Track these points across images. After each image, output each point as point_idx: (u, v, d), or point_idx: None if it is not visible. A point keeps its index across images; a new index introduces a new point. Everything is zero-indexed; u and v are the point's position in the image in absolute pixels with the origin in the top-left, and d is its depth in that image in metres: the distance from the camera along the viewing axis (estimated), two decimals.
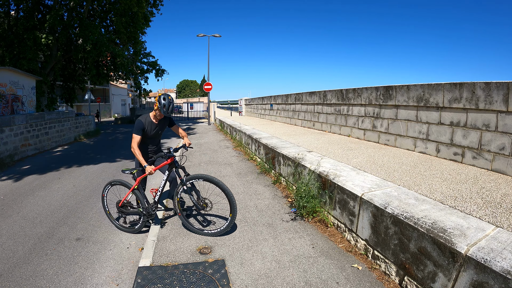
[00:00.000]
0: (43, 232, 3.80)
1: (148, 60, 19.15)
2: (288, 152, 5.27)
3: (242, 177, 5.97)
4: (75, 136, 13.43)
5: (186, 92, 79.81)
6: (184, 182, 3.33)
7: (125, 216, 3.77)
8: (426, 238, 2.19)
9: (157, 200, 3.53)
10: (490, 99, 3.98)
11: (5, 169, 7.47)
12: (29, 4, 13.41)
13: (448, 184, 3.39)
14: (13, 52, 12.92)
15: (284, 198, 4.64)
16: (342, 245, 3.15)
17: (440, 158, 4.82)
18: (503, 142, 3.86)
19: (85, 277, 2.84)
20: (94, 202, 4.91)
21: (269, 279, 2.59)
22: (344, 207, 3.29)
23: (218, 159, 7.79)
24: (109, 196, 3.82)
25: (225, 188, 3.24)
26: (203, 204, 3.37)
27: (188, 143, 3.60)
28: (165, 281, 2.58)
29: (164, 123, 3.65)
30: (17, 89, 10.74)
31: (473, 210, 2.59)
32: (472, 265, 1.85)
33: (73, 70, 17.16)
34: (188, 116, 29.43)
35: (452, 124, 4.63)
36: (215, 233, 3.37)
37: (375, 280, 2.56)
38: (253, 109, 20.58)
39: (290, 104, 12.64)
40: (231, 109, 36.94)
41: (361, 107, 7.15)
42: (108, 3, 14.92)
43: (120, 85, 43.19)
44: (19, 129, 9.08)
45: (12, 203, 4.87)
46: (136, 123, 3.44)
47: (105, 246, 3.45)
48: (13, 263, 3.07)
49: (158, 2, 17.62)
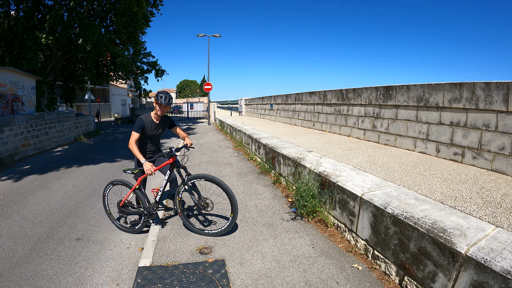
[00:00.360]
0: (43, 232, 3.80)
1: (148, 60, 19.16)
2: (288, 152, 5.27)
3: (242, 177, 5.97)
4: (75, 136, 13.43)
5: (186, 92, 79.80)
6: (185, 182, 3.33)
7: (126, 216, 3.77)
8: (426, 238, 2.19)
9: (158, 200, 3.53)
10: (490, 99, 3.98)
11: (5, 169, 7.47)
12: (29, 4, 13.41)
13: (448, 184, 3.39)
14: (13, 52, 12.92)
15: (284, 198, 4.64)
16: (342, 245, 3.15)
17: (440, 158, 4.82)
18: (503, 142, 3.86)
19: (85, 277, 2.84)
20: (94, 202, 4.91)
21: (269, 279, 2.59)
22: (344, 207, 3.29)
23: (218, 159, 7.79)
24: (110, 196, 3.82)
25: (226, 188, 3.24)
26: (204, 204, 3.37)
27: (190, 143, 3.60)
28: (165, 281, 2.58)
29: (164, 123, 3.65)
30: (17, 89, 10.74)
31: (473, 210, 2.59)
32: (472, 265, 1.85)
33: (73, 70, 17.17)
34: (188, 116, 29.42)
35: (452, 124, 4.63)
36: (216, 233, 3.37)
37: (375, 280, 2.56)
38: (253, 109, 20.58)
39: (290, 104, 12.64)
40: (231, 109, 36.94)
41: (361, 107, 7.15)
42: (108, 3, 14.91)
43: (120, 85, 43.19)
44: (19, 129, 9.08)
45: (12, 203, 4.87)
46: (137, 121, 3.45)
47: (105, 246, 3.45)
48: (13, 263, 3.07)
49: (158, 2, 17.62)
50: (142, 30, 16.71)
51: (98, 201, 4.86)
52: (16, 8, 13.56)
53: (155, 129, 3.56)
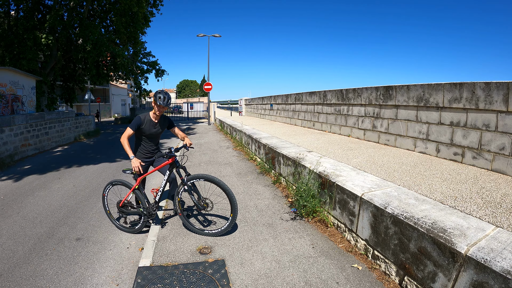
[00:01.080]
0: (43, 232, 3.80)
1: (148, 60, 19.17)
2: (288, 152, 5.27)
3: (242, 177, 5.97)
4: (75, 136, 13.43)
5: (186, 92, 79.81)
6: (185, 182, 3.33)
7: (126, 216, 3.77)
8: (426, 238, 2.19)
9: (157, 200, 3.53)
10: (490, 99, 3.98)
11: (5, 169, 7.47)
12: (29, 4, 13.41)
13: (448, 184, 3.39)
14: (13, 52, 12.92)
15: (284, 198, 4.64)
16: (342, 245, 3.15)
17: (440, 158, 4.82)
18: (503, 142, 3.86)
19: (85, 277, 2.84)
20: (94, 202, 4.91)
21: (269, 279, 2.59)
22: (344, 207, 3.29)
23: (218, 159, 7.79)
24: (110, 196, 3.82)
25: (226, 188, 3.24)
26: (203, 204, 3.37)
27: (189, 143, 3.60)
28: (165, 281, 2.58)
29: (163, 124, 3.65)
30: (17, 89, 10.74)
31: (473, 210, 2.59)
32: (472, 265, 1.85)
33: (73, 70, 17.17)
34: (188, 116, 29.42)
35: (452, 124, 4.63)
36: (216, 233, 3.37)
37: (375, 280, 2.56)
38: (253, 109, 20.58)
39: (290, 104, 12.64)
40: (231, 109, 36.93)
41: (361, 107, 7.15)
42: (108, 3, 14.92)
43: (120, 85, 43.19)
44: (19, 129, 9.08)
45: (12, 203, 4.87)
46: (135, 119, 3.48)
47: (105, 246, 3.45)
48: (13, 263, 3.07)
49: (158, 2, 17.62)
50: (142, 30, 16.72)
51: (98, 201, 4.86)
52: (16, 8, 13.56)
53: (154, 129, 3.56)
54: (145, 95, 20.07)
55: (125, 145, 3.35)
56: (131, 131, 3.42)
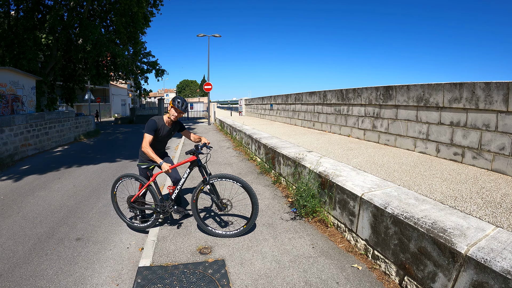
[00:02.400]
0: (43, 232, 3.80)
1: (148, 60, 19.17)
2: (288, 152, 5.27)
3: (242, 177, 5.96)
4: (75, 136, 13.43)
5: (186, 92, 79.80)
6: (207, 181, 3.26)
7: (137, 211, 3.69)
8: (426, 238, 2.19)
9: (174, 197, 3.49)
10: (490, 99, 3.98)
11: (5, 169, 7.47)
12: (29, 4, 13.42)
13: (448, 184, 3.39)
14: (13, 52, 12.92)
15: (284, 198, 4.64)
16: (342, 245, 3.15)
17: (440, 158, 4.82)
18: (503, 142, 3.86)
19: (85, 277, 2.84)
20: (94, 202, 4.91)
21: (269, 279, 2.59)
22: (344, 207, 3.29)
23: (218, 159, 7.79)
24: (121, 188, 3.72)
25: (249, 188, 3.19)
26: (223, 205, 3.33)
27: (208, 142, 3.57)
28: (165, 281, 2.58)
29: (175, 128, 3.64)
30: (17, 89, 10.74)
31: (473, 210, 2.59)
32: (472, 265, 1.85)
33: (73, 70, 17.18)
34: (188, 116, 29.39)
35: (452, 124, 4.63)
36: (233, 234, 3.31)
37: (375, 280, 2.56)
38: (253, 109, 20.58)
39: (290, 104, 12.64)
40: (231, 109, 36.93)
41: (361, 107, 7.15)
42: (108, 3, 14.92)
43: (120, 85, 43.21)
44: (19, 129, 9.08)
45: (12, 203, 4.87)
46: (149, 123, 3.39)
47: (105, 246, 3.45)
48: (13, 263, 3.07)
49: (158, 2, 17.64)
50: (142, 30, 16.72)
51: (98, 201, 4.86)
52: (16, 8, 13.57)
53: (167, 133, 3.55)
54: (145, 95, 20.07)
55: (150, 153, 3.29)
56: (150, 136, 3.35)
